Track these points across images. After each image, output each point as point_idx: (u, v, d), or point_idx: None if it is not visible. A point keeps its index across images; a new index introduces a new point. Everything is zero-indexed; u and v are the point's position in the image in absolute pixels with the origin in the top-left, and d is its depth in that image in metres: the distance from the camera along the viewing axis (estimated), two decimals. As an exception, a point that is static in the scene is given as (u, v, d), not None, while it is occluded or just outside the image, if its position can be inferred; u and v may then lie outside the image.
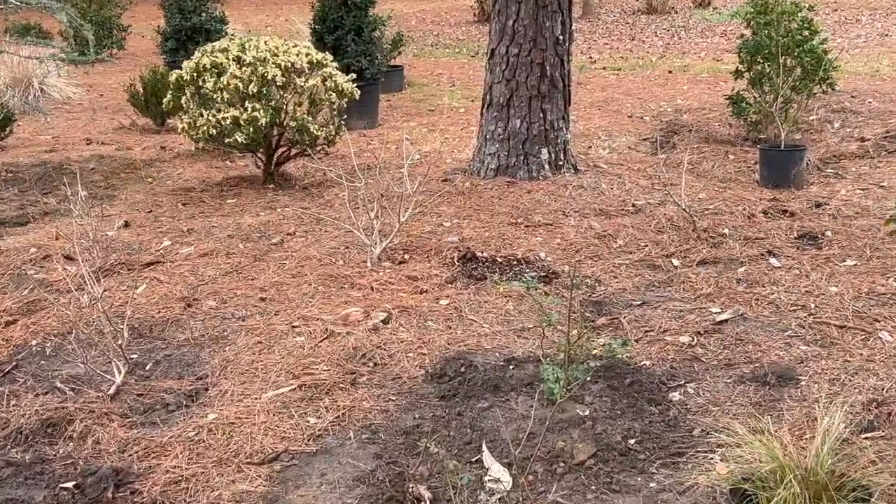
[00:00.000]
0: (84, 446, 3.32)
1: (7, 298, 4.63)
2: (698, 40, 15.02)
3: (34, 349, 4.11)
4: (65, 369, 3.90)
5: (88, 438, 3.36)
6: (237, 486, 3.02)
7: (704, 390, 3.52)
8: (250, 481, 3.05)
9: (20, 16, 13.82)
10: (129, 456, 3.24)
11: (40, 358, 4.04)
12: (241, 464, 3.15)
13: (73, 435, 3.38)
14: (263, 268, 4.96)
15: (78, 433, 3.38)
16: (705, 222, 5.42)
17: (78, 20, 6.03)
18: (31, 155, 7.86)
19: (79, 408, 3.53)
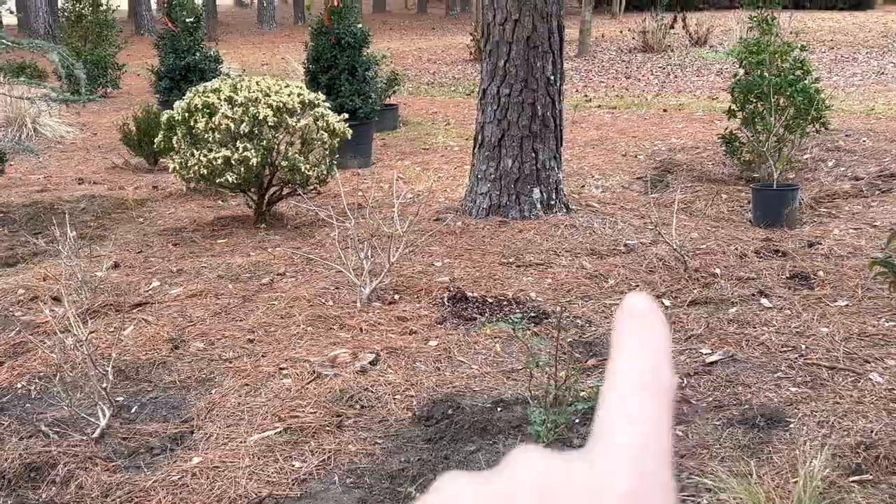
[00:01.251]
0: (67, 491, 3.28)
1: (-7, 340, 4.60)
2: (694, 79, 15.12)
3: (19, 392, 4.08)
4: (49, 412, 3.86)
5: (72, 483, 3.31)
6: (219, 533, 2.98)
7: (693, 433, 3.49)
8: (232, 527, 3.00)
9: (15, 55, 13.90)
10: (112, 501, 3.20)
11: (25, 401, 4.00)
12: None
13: (57, 479, 3.34)
14: (252, 308, 4.93)
15: (61, 477, 3.34)
16: (697, 262, 5.41)
17: (70, 60, 6.05)
18: (23, 195, 7.86)
19: (63, 451, 3.49)
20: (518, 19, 6.38)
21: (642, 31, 19.18)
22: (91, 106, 13.21)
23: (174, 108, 6.51)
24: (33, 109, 9.78)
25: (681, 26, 20.79)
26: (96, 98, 8.82)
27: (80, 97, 6.96)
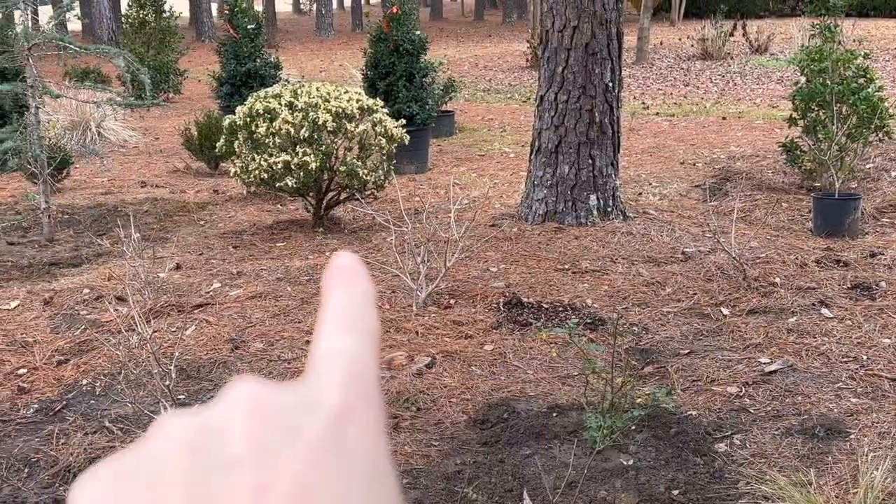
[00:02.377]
0: (129, 486, 3.35)
1: (60, 338, 4.72)
2: (754, 86, 14.95)
3: (84, 388, 4.18)
4: (113, 409, 3.95)
5: (134, 478, 3.38)
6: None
7: (751, 442, 3.46)
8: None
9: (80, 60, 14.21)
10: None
11: (90, 397, 4.10)
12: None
13: (119, 474, 3.41)
14: (310, 311, 5.00)
15: (124, 473, 3.41)
16: (756, 271, 5.37)
17: (135, 65, 6.18)
18: (87, 197, 8.05)
19: (126, 448, 3.56)
20: (577, 26, 6.39)
21: (701, 38, 19.01)
22: (153, 111, 13.46)
23: (236, 113, 6.62)
24: (98, 113, 9.99)
25: (741, 34, 20.58)
26: (159, 103, 8.98)
27: (143, 102, 7.10)
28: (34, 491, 3.33)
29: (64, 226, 7.01)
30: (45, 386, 4.19)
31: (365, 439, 0.34)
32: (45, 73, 6.67)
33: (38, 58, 6.43)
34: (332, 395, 0.34)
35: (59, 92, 6.66)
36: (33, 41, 6.24)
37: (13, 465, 3.50)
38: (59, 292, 5.37)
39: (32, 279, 5.74)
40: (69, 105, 10.05)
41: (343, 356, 0.36)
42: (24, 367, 4.38)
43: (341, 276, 0.40)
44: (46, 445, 3.63)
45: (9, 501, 3.27)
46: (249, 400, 0.34)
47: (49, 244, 6.52)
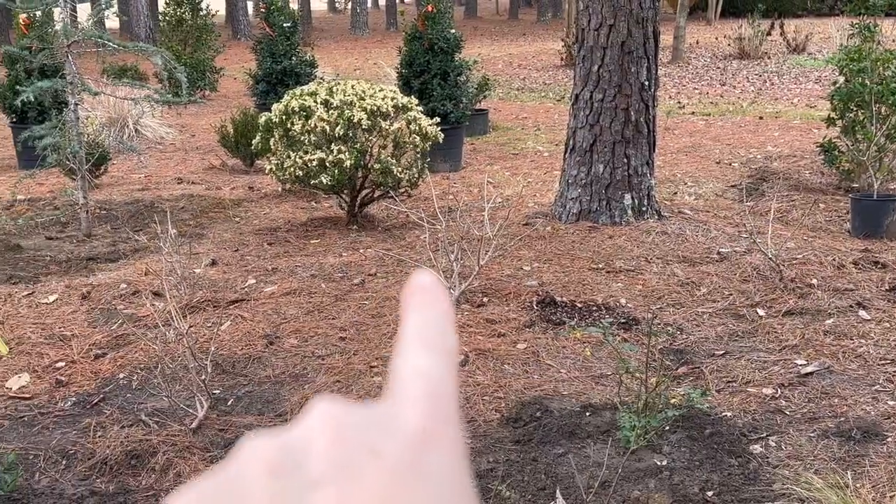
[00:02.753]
0: (166, 478, 3.39)
1: (97, 332, 4.77)
2: (791, 86, 14.81)
3: (121, 382, 4.22)
4: (150, 402, 3.99)
5: (170, 471, 3.43)
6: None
7: (786, 444, 3.43)
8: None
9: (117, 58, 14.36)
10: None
11: (127, 391, 4.14)
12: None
13: (156, 467, 3.45)
14: (344, 308, 5.02)
15: (160, 465, 3.46)
16: (793, 272, 5.32)
17: (172, 63, 6.24)
18: (124, 193, 8.13)
19: (162, 441, 3.61)
20: (613, 24, 6.36)
21: (738, 37, 18.85)
22: (190, 108, 13.58)
23: (272, 111, 6.67)
24: (136, 110, 10.09)
25: (778, 33, 20.38)
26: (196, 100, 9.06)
27: (181, 99, 7.16)
28: (71, 483, 3.38)
29: (101, 221, 7.09)
30: (82, 379, 4.24)
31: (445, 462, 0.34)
32: (83, 70, 6.74)
33: (77, 55, 6.50)
34: (414, 416, 0.34)
35: (97, 89, 6.74)
36: (73, 38, 6.31)
37: (51, 456, 3.55)
38: (97, 287, 5.44)
39: (70, 274, 5.81)
40: (107, 102, 10.16)
41: (424, 377, 0.36)
42: (62, 360, 4.44)
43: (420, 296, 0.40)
44: (84, 438, 3.67)
45: (46, 493, 3.32)
46: (330, 420, 0.34)
47: (87, 239, 6.60)
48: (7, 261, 6.12)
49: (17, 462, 3.37)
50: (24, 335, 4.72)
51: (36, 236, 6.69)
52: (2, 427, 3.80)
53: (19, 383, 4.19)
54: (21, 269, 5.93)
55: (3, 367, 4.35)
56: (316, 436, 0.34)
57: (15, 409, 3.96)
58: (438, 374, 0.37)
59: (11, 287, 5.51)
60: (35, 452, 3.58)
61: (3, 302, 5.22)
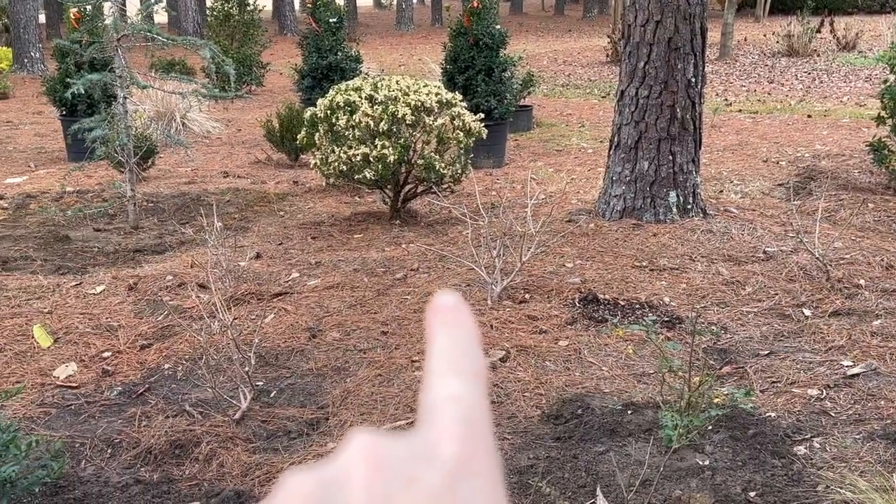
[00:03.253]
0: (209, 468, 3.42)
1: (143, 323, 4.84)
2: (841, 84, 14.59)
3: (166, 373, 4.28)
4: (194, 393, 4.04)
5: (213, 461, 3.46)
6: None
7: (831, 445, 3.39)
8: (364, 512, 3.08)
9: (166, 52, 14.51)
10: (251, 480, 3.33)
11: (171, 381, 4.19)
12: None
13: (199, 457, 3.49)
14: (386, 302, 5.04)
15: (204, 455, 3.49)
16: (840, 272, 5.24)
17: (220, 56, 6.29)
18: (171, 186, 8.23)
19: (206, 431, 3.64)
20: (660, 20, 6.31)
21: (787, 34, 18.62)
22: (236, 103, 13.70)
23: (317, 106, 6.70)
24: (183, 104, 10.20)
25: (828, 30, 20.09)
26: (243, 95, 9.13)
27: (227, 93, 7.22)
28: (116, 471, 3.42)
29: (148, 214, 7.18)
30: (128, 369, 4.30)
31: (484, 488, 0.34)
32: (132, 64, 6.83)
33: (126, 49, 6.59)
34: (449, 445, 0.34)
35: (146, 82, 6.82)
36: (122, 32, 6.39)
37: (96, 445, 3.60)
38: (143, 278, 5.51)
39: (118, 265, 5.89)
40: (155, 95, 10.28)
41: (457, 403, 0.36)
42: (108, 350, 4.50)
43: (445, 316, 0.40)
44: (129, 427, 3.72)
45: (92, 480, 3.37)
46: (367, 452, 0.34)
47: (134, 231, 6.69)
48: (56, 251, 6.22)
49: (64, 450, 3.42)
50: (71, 325, 4.79)
51: (84, 228, 6.79)
52: (49, 415, 3.87)
53: (66, 372, 4.26)
54: (69, 260, 6.03)
55: (50, 356, 4.43)
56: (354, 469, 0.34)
57: (62, 397, 4.02)
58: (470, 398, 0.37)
59: (60, 277, 5.60)
60: (81, 441, 3.64)
61: (51, 292, 5.31)
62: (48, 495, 3.25)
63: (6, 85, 15.67)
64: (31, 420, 3.81)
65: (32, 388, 4.08)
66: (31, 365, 4.32)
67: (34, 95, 14.96)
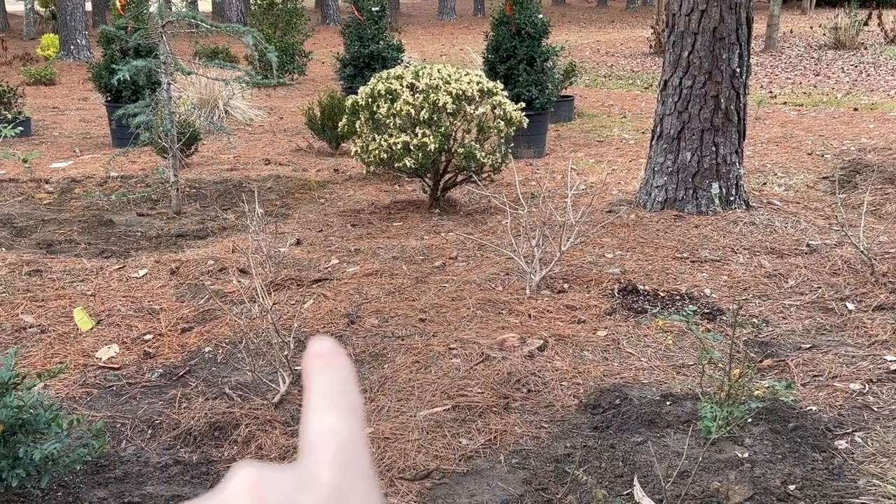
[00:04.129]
0: (248, 450, 3.45)
1: (185, 307, 4.88)
2: (888, 77, 14.35)
3: (207, 356, 4.32)
4: (233, 376, 4.07)
5: (252, 443, 3.49)
6: (389, 500, 3.07)
7: (873, 440, 3.34)
8: (402, 496, 3.09)
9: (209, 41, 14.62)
10: (288, 462, 3.34)
11: (212, 364, 4.23)
12: (393, 478, 3.21)
13: (238, 439, 3.52)
14: (424, 290, 5.04)
15: (243, 438, 3.53)
16: (885, 266, 5.16)
17: (263, 43, 6.32)
18: (214, 172, 8.29)
19: (245, 413, 3.68)
20: (705, 9, 6.23)
21: (834, 27, 18.34)
22: (279, 91, 13.77)
23: (359, 94, 6.72)
24: (226, 91, 10.27)
25: (876, 23, 19.76)
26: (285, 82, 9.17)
27: (270, 81, 7.26)
28: (156, 451, 3.47)
29: (191, 199, 7.25)
30: (169, 352, 4.35)
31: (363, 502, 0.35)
32: (176, 51, 6.89)
33: (170, 36, 6.64)
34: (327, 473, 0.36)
35: (190, 69, 6.87)
36: (167, 19, 6.45)
37: (137, 425, 3.65)
38: (185, 263, 5.56)
39: (160, 249, 5.96)
40: (199, 82, 10.37)
41: (333, 435, 0.38)
42: (150, 332, 4.56)
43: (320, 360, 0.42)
44: (169, 408, 3.77)
45: (132, 460, 3.41)
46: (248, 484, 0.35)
47: (176, 216, 6.75)
48: (100, 235, 6.30)
49: (105, 429, 3.47)
50: (114, 307, 4.86)
51: (128, 212, 6.87)
52: (91, 395, 3.92)
53: (109, 354, 4.31)
54: (113, 244, 6.10)
55: (93, 337, 4.49)
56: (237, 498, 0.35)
57: (104, 378, 4.08)
58: (347, 430, 0.38)
59: (103, 261, 5.67)
60: (122, 421, 3.68)
61: (94, 275, 5.38)
62: (89, 474, 3.30)
63: (53, 71, 15.88)
64: (74, 400, 3.87)
65: (75, 368, 4.14)
66: (73, 346, 4.38)
67: (80, 82, 15.16)
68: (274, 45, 11.94)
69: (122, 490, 3.21)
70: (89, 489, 3.21)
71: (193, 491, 3.21)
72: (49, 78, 15.66)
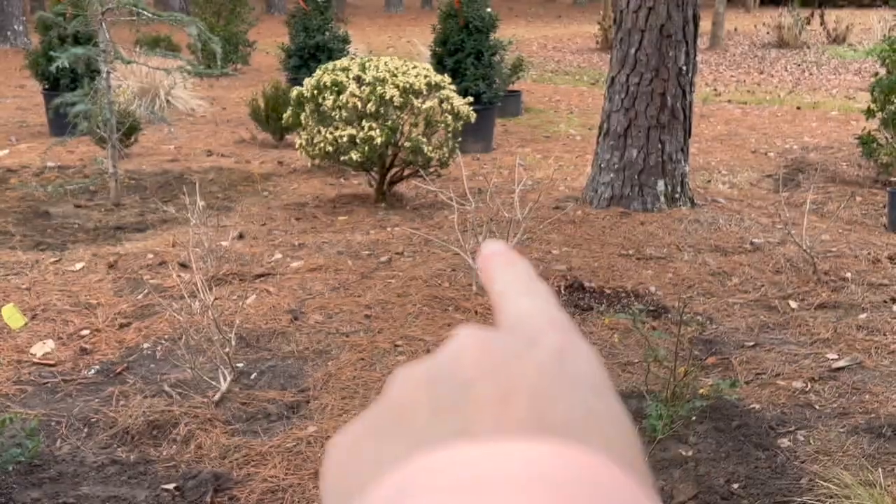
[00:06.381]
0: (187, 450, 3.37)
1: (123, 301, 4.77)
2: (830, 77, 14.59)
3: (145, 352, 4.21)
4: (173, 373, 3.98)
5: (192, 442, 3.41)
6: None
7: (815, 438, 3.36)
8: (343, 498, 3.04)
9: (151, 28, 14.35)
10: (229, 462, 3.28)
11: (150, 361, 4.13)
12: (335, 480, 3.14)
13: (177, 438, 3.44)
14: (370, 286, 4.98)
15: (182, 436, 3.44)
16: (827, 265, 5.22)
17: (207, 33, 6.20)
18: (154, 164, 8.13)
19: (184, 412, 3.59)
20: (652, 7, 6.25)
21: (777, 25, 18.62)
22: (222, 81, 13.56)
23: (304, 85, 6.62)
24: (168, 81, 10.08)
25: (818, 22, 20.09)
26: (229, 73, 9.02)
27: (213, 71, 7.13)
28: (92, 451, 3.37)
29: (130, 191, 7.09)
30: (106, 348, 4.23)
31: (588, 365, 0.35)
32: (117, 39, 6.73)
33: (111, 23, 6.48)
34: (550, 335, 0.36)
35: (130, 58, 6.72)
36: (107, 6, 6.29)
37: (73, 424, 3.55)
38: (124, 256, 5.43)
39: (98, 242, 5.81)
40: (139, 71, 10.16)
41: (540, 312, 0.38)
42: (87, 328, 4.44)
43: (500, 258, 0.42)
44: (106, 406, 3.66)
45: (67, 460, 3.31)
46: (474, 338, 0.36)
47: (115, 208, 6.60)
48: (35, 227, 6.13)
49: (39, 428, 3.37)
50: (49, 302, 4.72)
51: (64, 204, 6.69)
52: (25, 393, 3.80)
53: (44, 350, 4.19)
54: (49, 236, 5.94)
55: (28, 333, 4.35)
56: (463, 350, 0.35)
57: (39, 375, 3.96)
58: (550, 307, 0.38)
59: (39, 253, 5.52)
60: (57, 419, 3.58)
61: (30, 268, 5.23)
62: (22, 474, 3.20)
63: (-11, 58, 15.47)
64: (7, 397, 3.75)
65: (8, 365, 4.01)
66: (7, 342, 4.25)
67: (16, 69, 14.77)
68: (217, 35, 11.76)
69: (57, 490, 3.12)
70: (22, 490, 3.11)
71: (131, 491, 3.12)
72: (-15, 64, 15.25)
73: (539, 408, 0.32)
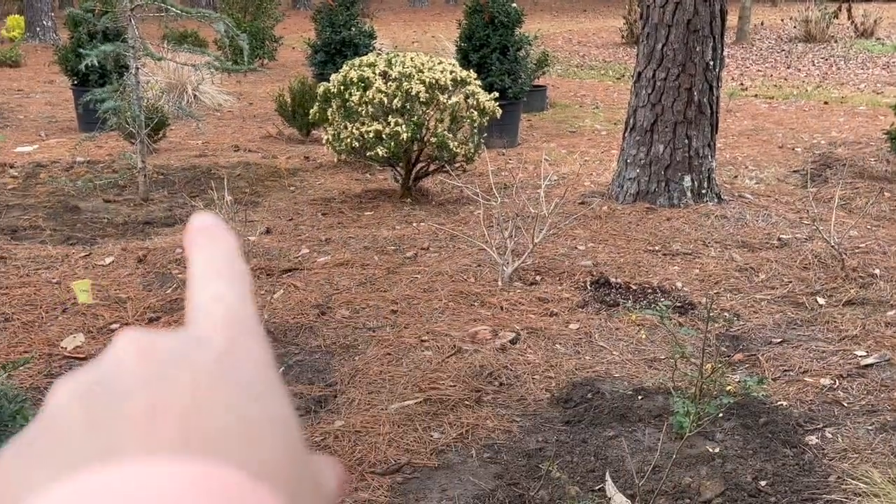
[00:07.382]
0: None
1: (151, 296, 4.81)
2: (858, 71, 14.46)
3: (174, 346, 4.24)
4: (201, 367, 4.00)
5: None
6: (359, 495, 3.04)
7: (843, 436, 3.35)
8: (372, 490, 3.06)
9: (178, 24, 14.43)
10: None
11: (179, 354, 4.16)
12: (364, 472, 3.17)
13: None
14: (396, 281, 5.00)
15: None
16: (855, 261, 5.19)
17: (234, 29, 6.23)
18: (182, 159, 8.19)
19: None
20: (679, 2, 6.22)
21: (805, 19, 18.46)
22: (249, 77, 13.62)
23: (330, 81, 6.65)
24: (195, 77, 10.14)
25: (846, 16, 19.91)
26: (256, 68, 9.06)
27: (240, 67, 7.17)
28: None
29: (159, 186, 7.15)
30: (136, 341, 4.27)
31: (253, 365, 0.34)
32: (145, 35, 6.78)
33: (139, 19, 6.53)
34: (219, 332, 0.35)
35: (159, 54, 6.77)
36: (136, 2, 6.34)
37: (104, 416, 3.58)
38: (153, 251, 5.48)
39: (127, 237, 5.87)
40: (167, 67, 10.22)
41: (220, 302, 0.36)
42: (116, 322, 4.48)
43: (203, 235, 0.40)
44: (136, 399, 3.70)
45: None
46: (136, 344, 0.34)
47: (144, 203, 6.66)
48: (65, 222, 6.20)
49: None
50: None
51: (94, 199, 6.76)
52: (56, 385, 3.84)
53: (74, 343, 4.24)
54: (79, 231, 6.00)
55: (58, 326, 4.41)
56: (125, 357, 0.33)
57: (69, 368, 4.00)
58: (233, 296, 0.37)
59: (69, 248, 5.58)
60: (88, 412, 3.61)
61: (60, 262, 5.29)
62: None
63: (18, 53, 15.63)
64: (38, 390, 3.79)
65: (40, 358, 4.06)
66: (38, 335, 4.30)
67: (46, 64, 14.92)
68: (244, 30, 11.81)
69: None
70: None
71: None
72: (14, 60, 15.41)
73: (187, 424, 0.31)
